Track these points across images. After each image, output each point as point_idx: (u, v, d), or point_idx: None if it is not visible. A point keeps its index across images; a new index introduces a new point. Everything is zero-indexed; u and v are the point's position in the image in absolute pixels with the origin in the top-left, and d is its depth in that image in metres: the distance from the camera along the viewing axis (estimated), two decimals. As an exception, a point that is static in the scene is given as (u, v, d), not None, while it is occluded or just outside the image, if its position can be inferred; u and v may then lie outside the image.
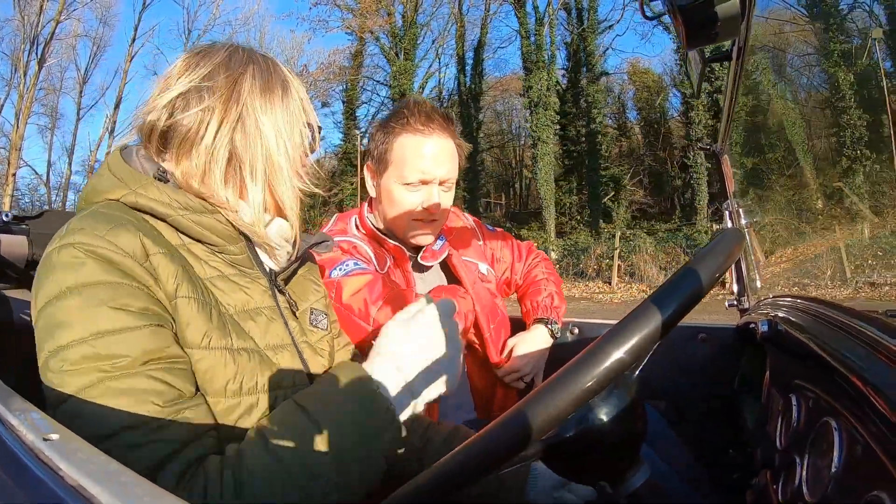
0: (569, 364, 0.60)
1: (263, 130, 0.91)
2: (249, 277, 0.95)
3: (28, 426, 0.53)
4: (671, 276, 0.66)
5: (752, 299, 1.82)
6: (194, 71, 0.91)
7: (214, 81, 0.90)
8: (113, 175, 0.87)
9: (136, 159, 0.91)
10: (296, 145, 0.96)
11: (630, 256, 18.71)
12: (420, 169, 1.49)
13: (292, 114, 0.96)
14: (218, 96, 0.89)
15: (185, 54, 0.95)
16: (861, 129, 16.57)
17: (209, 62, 0.92)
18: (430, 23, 25.95)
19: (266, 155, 0.92)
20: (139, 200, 0.84)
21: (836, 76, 17.03)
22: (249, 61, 0.94)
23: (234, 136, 0.90)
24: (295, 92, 0.98)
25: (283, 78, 0.97)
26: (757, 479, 1.05)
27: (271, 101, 0.93)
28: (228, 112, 0.90)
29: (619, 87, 28.91)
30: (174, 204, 0.86)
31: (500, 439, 0.60)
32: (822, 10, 18.38)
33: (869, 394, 0.68)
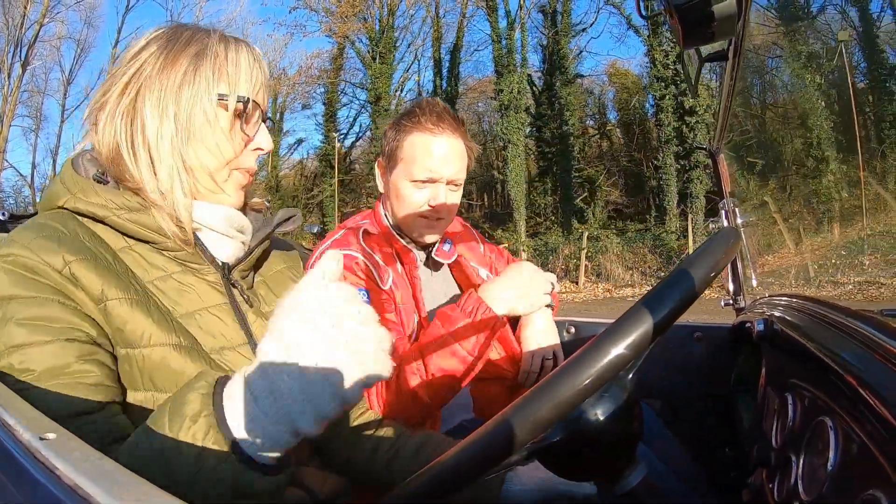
0: (563, 364, 0.60)
1: (146, 111, 0.87)
2: (195, 274, 0.92)
3: (24, 425, 0.53)
4: (667, 275, 0.66)
5: (747, 298, 1.82)
6: (123, 58, 0.91)
7: (134, 62, 0.89)
8: (61, 182, 0.88)
9: (80, 162, 0.91)
10: (194, 123, 0.89)
11: (597, 256, 18.97)
12: (428, 167, 1.50)
13: (195, 88, 0.88)
14: (125, 77, 0.88)
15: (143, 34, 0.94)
16: (827, 131, 16.67)
17: (136, 46, 0.91)
18: (409, 26, 26.00)
19: (146, 137, 0.87)
20: (78, 205, 0.85)
21: (804, 78, 17.11)
22: (167, 37, 0.91)
23: (127, 120, 0.87)
24: (212, 60, 0.90)
25: (200, 49, 0.90)
26: (753, 478, 1.05)
27: (167, 76, 0.87)
28: (127, 92, 0.88)
29: (599, 88, 29.10)
30: (110, 205, 0.85)
31: (489, 443, 0.60)
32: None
33: (865, 393, 0.68)
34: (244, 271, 0.99)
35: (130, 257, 0.87)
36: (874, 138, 17.44)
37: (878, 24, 18.15)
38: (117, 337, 0.80)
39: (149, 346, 0.80)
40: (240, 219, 0.97)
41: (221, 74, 0.90)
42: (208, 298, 0.91)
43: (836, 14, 19.10)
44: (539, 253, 20.85)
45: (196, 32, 0.92)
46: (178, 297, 0.88)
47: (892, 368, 0.67)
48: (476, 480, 0.61)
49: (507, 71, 21.88)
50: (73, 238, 0.81)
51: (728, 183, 1.80)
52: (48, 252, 0.78)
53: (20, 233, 0.80)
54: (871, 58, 18.30)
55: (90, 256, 0.80)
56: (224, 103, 0.90)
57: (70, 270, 0.78)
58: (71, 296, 0.77)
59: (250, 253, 0.99)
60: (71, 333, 0.75)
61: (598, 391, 0.66)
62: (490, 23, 22.91)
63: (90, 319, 0.78)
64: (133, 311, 0.80)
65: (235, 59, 0.92)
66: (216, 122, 0.90)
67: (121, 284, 0.81)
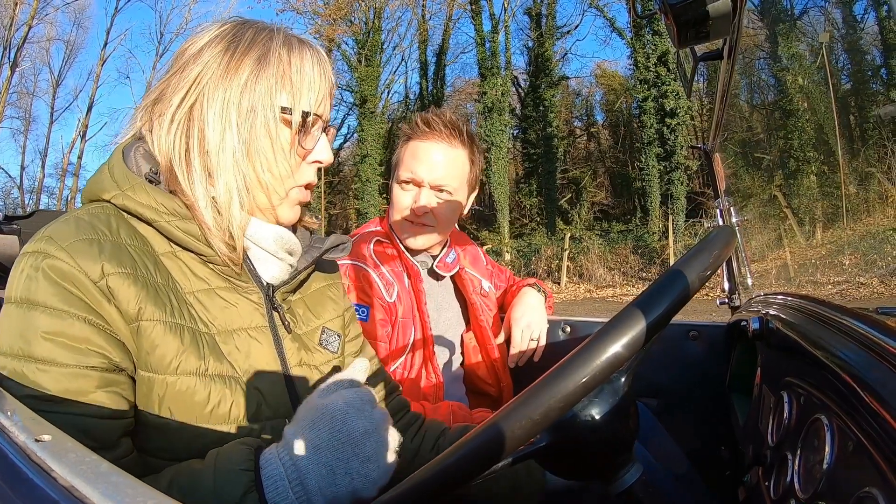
0: (560, 364, 0.60)
1: (206, 119, 0.82)
2: (239, 292, 0.88)
3: (20, 427, 0.53)
4: (662, 274, 0.66)
5: (742, 297, 1.83)
6: (193, 47, 0.86)
7: (196, 62, 0.84)
8: (109, 174, 0.83)
9: (132, 156, 0.85)
10: (255, 136, 0.84)
11: (579, 257, 19.12)
12: (411, 168, 1.54)
13: (257, 98, 0.84)
14: (188, 79, 0.84)
15: (204, 27, 0.89)
16: (810, 133, 16.76)
17: (197, 43, 0.86)
18: (396, 28, 25.96)
19: (204, 148, 0.83)
20: (126, 203, 0.81)
21: (786, 80, 17.21)
22: (230, 37, 0.86)
23: (185, 127, 0.83)
24: (275, 66, 0.85)
25: (263, 53, 0.85)
26: (748, 476, 1.05)
27: (230, 82, 0.83)
28: (188, 97, 0.83)
29: (587, 89, 29.17)
30: (161, 209, 0.81)
31: (485, 445, 0.59)
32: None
33: (860, 390, 0.68)
34: (285, 293, 0.96)
35: (174, 263, 0.84)
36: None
37: (886, 21, 18.23)
38: (143, 360, 0.77)
39: (174, 375, 0.77)
40: (291, 241, 0.94)
41: (284, 83, 0.85)
42: (249, 319, 0.88)
43: (834, 9, 19.21)
44: (522, 254, 20.99)
45: (259, 32, 0.87)
46: (217, 313, 0.85)
47: (888, 366, 0.67)
48: (470, 483, 0.61)
49: (490, 74, 21.91)
50: (115, 244, 0.77)
51: (723, 181, 1.81)
52: (87, 259, 0.74)
53: (60, 228, 0.76)
54: (856, 59, 18.47)
55: (130, 269, 0.77)
56: (287, 118, 0.86)
57: (107, 283, 0.74)
58: (103, 313, 0.74)
59: (295, 276, 0.95)
60: (93, 360, 0.72)
61: (594, 390, 0.66)
62: (474, 26, 22.93)
63: (117, 342, 0.75)
64: (165, 336, 0.77)
65: (300, 66, 0.87)
66: (277, 137, 0.86)
67: (158, 301, 0.78)
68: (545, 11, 23.21)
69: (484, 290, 1.80)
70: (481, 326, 1.73)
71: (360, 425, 0.71)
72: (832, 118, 16.23)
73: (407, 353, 1.52)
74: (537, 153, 23.38)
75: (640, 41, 19.38)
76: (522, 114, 24.48)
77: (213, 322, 0.84)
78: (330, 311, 1.05)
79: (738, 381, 1.54)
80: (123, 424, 0.75)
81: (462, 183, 1.59)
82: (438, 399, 1.55)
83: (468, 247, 1.86)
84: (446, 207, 1.58)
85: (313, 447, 0.70)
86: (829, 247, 14.39)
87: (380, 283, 1.51)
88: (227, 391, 0.81)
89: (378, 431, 0.73)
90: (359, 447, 0.71)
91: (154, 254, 0.82)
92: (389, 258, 1.58)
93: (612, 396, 0.75)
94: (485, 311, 1.75)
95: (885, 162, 15.80)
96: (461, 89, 29.06)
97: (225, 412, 0.81)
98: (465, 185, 1.60)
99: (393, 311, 1.51)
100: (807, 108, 16.90)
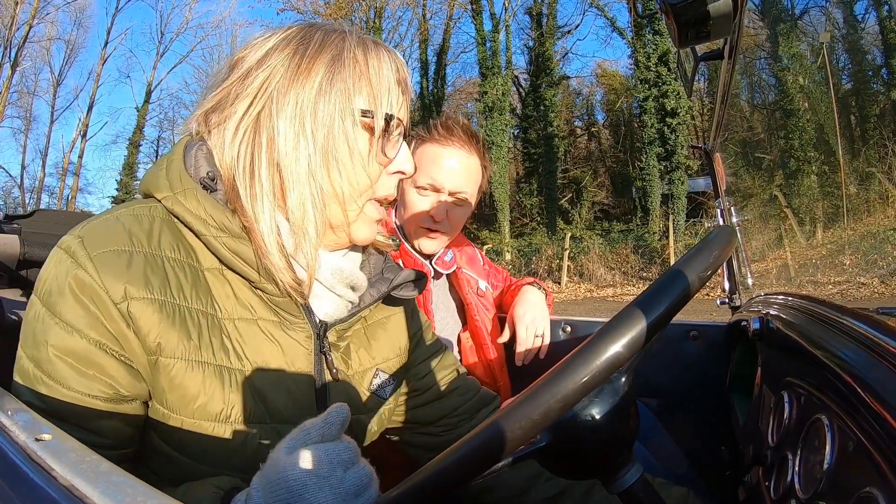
0: (559, 364, 0.60)
1: (276, 127, 0.74)
2: (286, 328, 0.80)
3: (20, 426, 0.53)
4: (662, 274, 0.66)
5: (743, 297, 1.83)
6: (253, 53, 0.78)
7: (261, 67, 0.76)
8: (166, 172, 0.77)
9: (193, 154, 0.78)
10: (333, 143, 0.76)
11: (579, 257, 19.15)
12: (431, 175, 1.54)
13: (333, 101, 0.75)
14: (254, 85, 0.76)
15: (257, 35, 0.82)
16: (810, 133, 16.75)
17: (266, 44, 0.78)
18: (397, 27, 25.96)
19: (274, 159, 0.74)
20: (176, 208, 0.74)
21: (786, 80, 17.22)
22: (297, 40, 0.78)
23: (251, 137, 0.75)
24: (350, 66, 0.76)
25: (336, 53, 0.77)
26: (749, 476, 1.05)
27: (302, 86, 0.75)
28: (254, 105, 0.75)
29: (587, 89, 29.17)
30: (209, 220, 0.74)
31: (484, 445, 0.59)
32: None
33: (861, 391, 0.68)
34: (341, 330, 0.86)
35: (219, 282, 0.77)
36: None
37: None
38: (159, 395, 0.72)
39: (192, 418, 0.73)
40: (353, 275, 0.85)
41: (362, 85, 0.77)
42: (292, 360, 0.80)
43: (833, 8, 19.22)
44: (523, 254, 21.01)
45: (328, 33, 0.79)
46: (257, 347, 0.77)
47: (889, 366, 0.67)
48: (471, 483, 0.61)
49: (491, 73, 21.91)
50: (148, 256, 0.72)
51: (724, 181, 1.81)
52: (111, 275, 0.69)
53: (96, 230, 0.72)
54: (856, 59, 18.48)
55: (159, 291, 0.71)
56: (367, 122, 0.78)
57: (128, 308, 0.69)
58: (119, 338, 0.69)
59: (355, 314, 0.86)
60: (98, 387, 0.69)
61: (595, 390, 0.66)
62: (475, 25, 22.92)
63: (130, 368, 0.71)
64: (186, 376, 0.72)
65: (377, 67, 0.79)
66: (355, 143, 0.77)
67: (183, 334, 0.72)
68: (546, 11, 23.22)
69: (481, 289, 1.80)
70: (478, 326, 1.73)
71: (321, 498, 0.60)
72: (833, 118, 16.22)
73: None
74: (538, 153, 23.38)
75: (641, 41, 19.39)
76: (523, 113, 24.48)
77: (248, 356, 0.77)
78: (389, 348, 0.96)
79: (738, 381, 1.54)
80: (118, 454, 0.72)
81: (476, 189, 1.61)
82: None
83: (465, 247, 1.86)
84: (461, 214, 1.60)
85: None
86: (829, 247, 14.42)
87: None
88: (254, 430, 0.76)
89: (346, 502, 0.62)
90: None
91: (198, 268, 0.76)
92: (394, 256, 1.58)
93: (613, 396, 0.75)
94: (481, 310, 1.75)
95: (886, 162, 15.82)
96: (462, 89, 29.07)
97: (248, 455, 0.75)
98: (477, 192, 1.63)
99: None
100: (807, 107, 16.91)
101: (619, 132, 27.62)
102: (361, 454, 0.66)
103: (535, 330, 1.71)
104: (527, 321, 1.71)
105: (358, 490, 0.63)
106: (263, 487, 0.61)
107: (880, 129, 17.01)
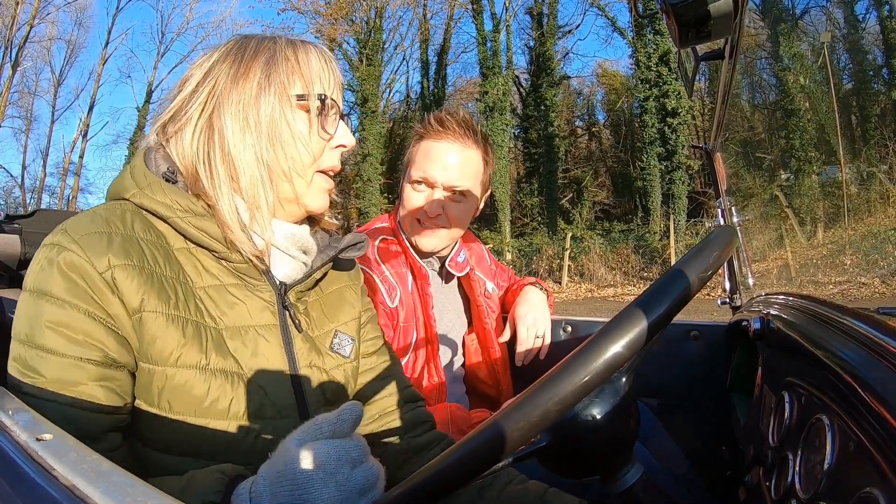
0: (559, 364, 0.60)
1: (225, 125, 0.86)
2: (250, 289, 0.90)
3: (21, 426, 0.53)
4: (663, 274, 0.66)
5: (743, 297, 1.82)
6: (199, 70, 0.90)
7: (206, 80, 0.88)
8: (130, 175, 0.87)
9: (153, 158, 0.89)
10: (276, 128, 0.88)
11: (580, 257, 19.16)
12: (424, 169, 1.52)
13: (272, 94, 0.88)
14: (201, 96, 0.88)
15: (201, 53, 0.94)
16: (811, 132, 16.75)
17: (209, 60, 0.90)
18: (397, 27, 25.98)
19: (226, 151, 0.86)
20: (143, 201, 0.84)
21: (787, 80, 17.22)
22: (234, 51, 0.90)
23: (205, 137, 0.87)
24: (283, 64, 0.90)
25: (269, 56, 0.90)
26: (749, 476, 1.05)
27: (242, 87, 0.87)
28: (205, 111, 0.87)
29: (588, 89, 29.19)
30: (175, 206, 0.84)
31: (484, 445, 0.59)
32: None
33: (861, 391, 0.68)
34: (300, 292, 0.97)
35: (187, 259, 0.86)
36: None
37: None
38: (144, 352, 0.79)
39: (174, 367, 0.79)
40: (304, 238, 0.96)
41: (295, 77, 0.90)
42: (259, 317, 0.89)
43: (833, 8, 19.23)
44: (524, 253, 21.01)
45: (261, 41, 0.92)
46: (226, 309, 0.86)
47: (889, 366, 0.67)
48: (471, 483, 0.61)
49: (492, 73, 21.93)
50: (126, 236, 0.80)
51: (724, 181, 1.81)
52: (96, 251, 0.77)
53: (76, 221, 0.80)
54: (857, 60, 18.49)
55: (137, 260, 0.79)
56: (302, 104, 0.90)
57: (112, 275, 0.77)
58: (105, 305, 0.76)
59: (310, 275, 0.96)
60: (90, 353, 0.75)
61: (595, 390, 0.66)
62: (475, 25, 22.94)
63: (117, 337, 0.77)
64: (167, 328, 0.79)
65: (306, 60, 0.91)
66: (296, 126, 0.90)
67: (163, 293, 0.80)
68: (546, 11, 23.22)
69: (488, 291, 1.80)
70: (485, 329, 1.72)
71: (325, 494, 0.63)
72: (833, 118, 16.23)
73: (409, 354, 1.52)
74: (538, 153, 23.40)
75: (642, 41, 19.38)
76: (524, 113, 24.51)
77: (222, 317, 0.86)
78: (346, 313, 1.06)
79: (738, 381, 1.54)
80: (112, 420, 0.77)
81: (475, 184, 1.57)
82: (440, 400, 1.54)
83: (474, 245, 1.85)
84: (459, 209, 1.57)
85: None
86: (830, 247, 14.41)
87: (382, 287, 1.50)
88: (228, 386, 0.82)
89: (350, 499, 0.66)
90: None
91: (168, 247, 0.85)
92: (393, 256, 1.57)
93: (613, 396, 0.75)
94: (489, 313, 1.75)
95: (887, 161, 15.79)
96: (462, 89, 29.09)
97: (224, 408, 0.82)
98: (478, 186, 1.59)
99: (394, 316, 1.49)
100: (808, 107, 16.90)
101: (619, 132, 27.63)
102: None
103: (535, 330, 1.71)
104: (528, 322, 1.71)
105: (364, 489, 0.67)
106: (270, 477, 0.65)
107: (881, 129, 16.99)
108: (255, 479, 0.66)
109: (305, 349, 0.94)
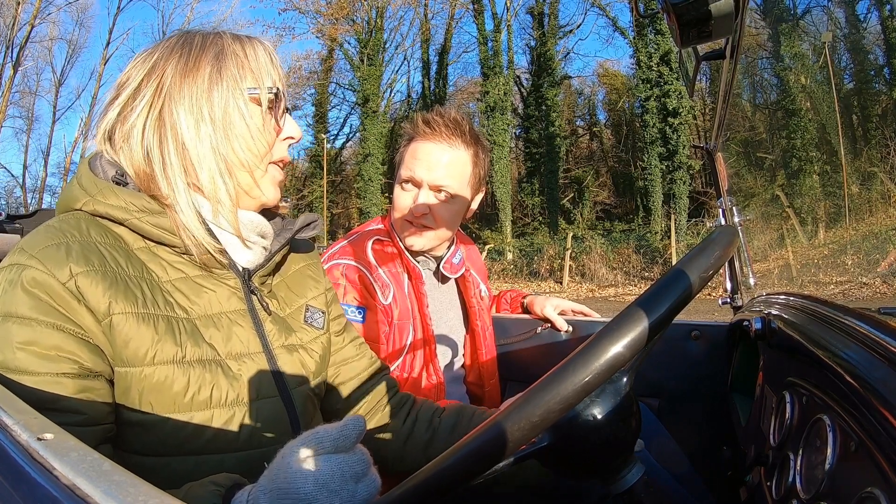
0: (560, 364, 0.60)
1: (178, 118, 0.86)
2: (216, 278, 0.91)
3: (22, 426, 0.53)
4: (664, 274, 0.66)
5: (745, 297, 1.82)
6: (140, 68, 0.90)
7: (151, 77, 0.88)
8: (78, 185, 0.87)
9: (99, 164, 0.89)
10: (230, 121, 0.89)
11: (581, 257, 19.18)
12: (410, 168, 1.54)
13: (224, 87, 0.89)
14: (147, 93, 0.87)
15: (138, 53, 0.94)
16: (812, 132, 16.73)
17: (150, 58, 0.90)
18: (398, 27, 26.02)
19: (180, 144, 0.87)
20: (97, 207, 0.84)
21: (788, 80, 17.21)
22: (179, 45, 0.90)
23: (157, 132, 0.87)
24: (232, 58, 0.91)
25: (218, 50, 0.91)
26: (750, 476, 1.05)
27: (193, 81, 0.88)
28: (153, 107, 0.87)
29: (589, 88, 29.20)
30: (130, 207, 0.84)
31: (484, 445, 0.59)
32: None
33: (862, 391, 0.68)
34: (263, 276, 0.99)
35: (149, 257, 0.86)
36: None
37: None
38: (118, 355, 0.78)
39: (151, 365, 0.79)
40: (260, 224, 0.97)
41: (246, 71, 0.91)
42: (227, 304, 0.91)
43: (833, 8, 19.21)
44: (525, 253, 21.04)
45: (206, 36, 0.93)
46: (196, 298, 0.87)
47: (890, 366, 0.67)
48: (470, 483, 0.61)
49: (493, 73, 21.99)
50: (83, 242, 0.80)
51: (726, 181, 1.80)
52: (55, 262, 0.76)
53: (30, 239, 0.79)
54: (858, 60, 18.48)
55: (98, 265, 0.79)
56: (255, 97, 0.91)
57: (76, 283, 0.76)
58: (73, 316, 0.75)
59: (270, 258, 0.98)
60: (64, 366, 0.74)
61: (596, 390, 0.66)
62: (476, 25, 22.98)
63: (89, 346, 0.76)
64: (139, 327, 0.79)
65: (255, 55, 0.93)
66: (251, 118, 0.91)
67: (129, 293, 0.80)
68: (547, 11, 23.28)
69: (481, 293, 1.82)
70: (475, 330, 1.74)
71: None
72: (835, 118, 16.21)
73: (406, 354, 1.52)
74: (539, 152, 23.44)
75: (643, 40, 19.41)
76: (525, 113, 24.60)
77: (193, 307, 0.87)
78: (312, 289, 1.09)
79: (739, 381, 1.54)
80: (100, 431, 0.76)
81: (463, 183, 1.56)
82: (439, 400, 1.54)
83: (468, 247, 1.86)
84: (445, 208, 1.56)
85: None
86: (831, 246, 14.41)
87: (375, 285, 1.50)
88: (207, 375, 0.83)
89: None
90: None
91: (127, 248, 0.85)
92: (388, 257, 1.57)
93: (614, 396, 0.75)
94: (481, 314, 1.76)
95: (888, 161, 15.78)
96: (463, 88, 29.15)
97: (206, 398, 0.82)
98: (466, 186, 1.57)
99: (389, 314, 1.50)
100: (809, 107, 16.89)
101: (620, 132, 27.66)
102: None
103: (563, 306, 1.90)
104: (554, 303, 1.90)
105: (367, 500, 0.65)
106: (270, 493, 0.62)
107: (882, 129, 16.99)
108: (254, 493, 0.64)
109: (276, 330, 0.96)
